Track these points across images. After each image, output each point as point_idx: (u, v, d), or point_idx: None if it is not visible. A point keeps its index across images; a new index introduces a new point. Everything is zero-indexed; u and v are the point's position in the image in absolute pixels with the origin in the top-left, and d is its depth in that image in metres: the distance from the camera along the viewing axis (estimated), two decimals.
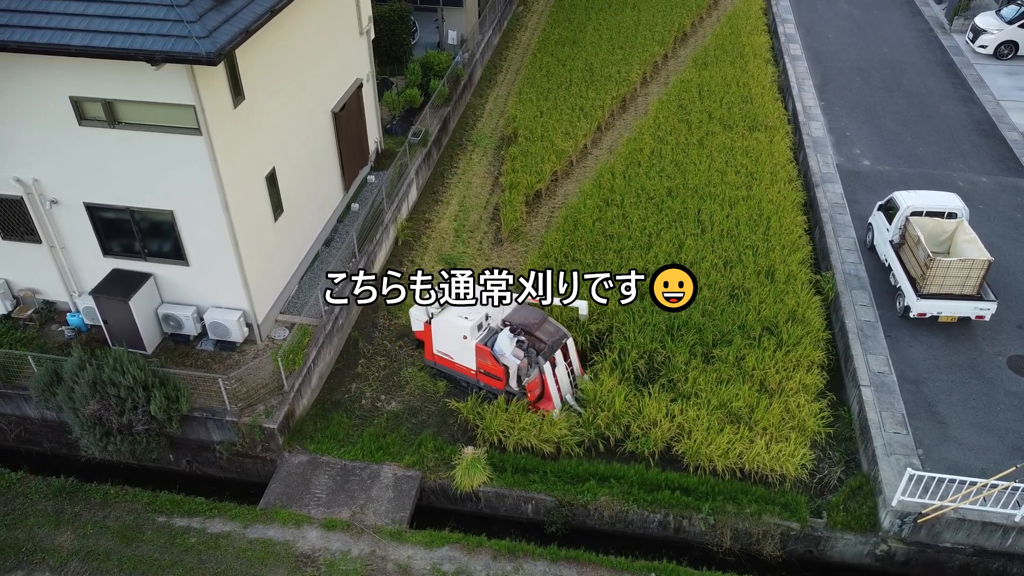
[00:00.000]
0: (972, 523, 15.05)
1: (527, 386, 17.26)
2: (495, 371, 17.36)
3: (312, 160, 20.46)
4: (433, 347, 18.25)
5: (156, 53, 13.93)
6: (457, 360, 17.99)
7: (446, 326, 17.62)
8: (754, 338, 18.86)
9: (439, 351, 18.22)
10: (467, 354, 17.63)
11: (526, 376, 17.26)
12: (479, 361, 17.53)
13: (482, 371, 17.63)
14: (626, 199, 23.65)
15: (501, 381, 17.44)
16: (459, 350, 17.75)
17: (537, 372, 17.25)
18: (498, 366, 17.23)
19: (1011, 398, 17.42)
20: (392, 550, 15.36)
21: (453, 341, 17.69)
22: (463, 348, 17.60)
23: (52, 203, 17.20)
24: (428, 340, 18.26)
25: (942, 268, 18.25)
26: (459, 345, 17.62)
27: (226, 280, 17.63)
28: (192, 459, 17.84)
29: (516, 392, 17.48)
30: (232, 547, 15.46)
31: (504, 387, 17.50)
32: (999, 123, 27.79)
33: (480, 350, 17.35)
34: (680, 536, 16.26)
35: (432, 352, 18.37)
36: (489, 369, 17.44)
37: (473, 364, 17.68)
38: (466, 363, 17.82)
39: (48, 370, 16.77)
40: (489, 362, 17.31)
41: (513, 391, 17.49)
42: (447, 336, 17.76)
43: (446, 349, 18.03)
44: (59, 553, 15.39)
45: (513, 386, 17.41)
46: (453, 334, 17.57)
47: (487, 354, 17.25)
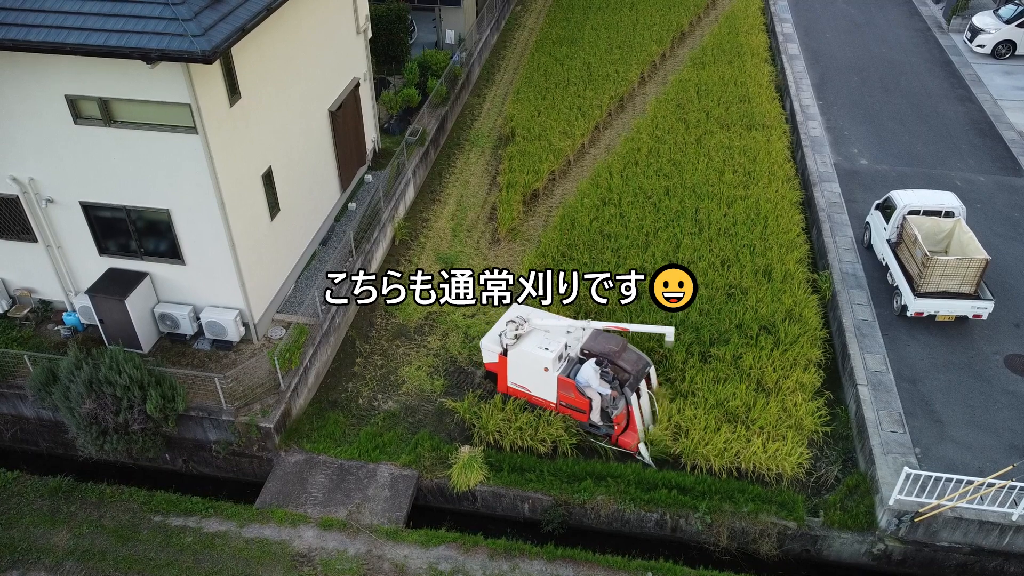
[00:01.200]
0: (969, 522, 15.03)
1: (615, 419, 16.48)
2: (579, 404, 16.51)
3: (309, 159, 20.44)
4: (507, 379, 17.29)
5: (151, 51, 13.90)
6: (535, 393, 17.05)
7: (524, 358, 16.68)
8: (751, 337, 18.85)
9: (514, 383, 17.24)
10: (547, 387, 16.73)
11: (613, 408, 16.37)
12: (561, 394, 16.66)
13: (563, 404, 16.76)
14: (624, 198, 23.63)
15: (584, 414, 16.60)
16: (538, 382, 16.83)
17: (624, 404, 16.41)
18: (582, 398, 16.38)
19: (1008, 397, 17.41)
20: (388, 549, 15.33)
21: (532, 373, 16.75)
22: (543, 381, 16.68)
23: (48, 202, 17.16)
24: (502, 372, 17.26)
25: (939, 267, 18.24)
26: (539, 377, 16.70)
27: (222, 279, 17.60)
28: (188, 458, 17.81)
29: (600, 425, 16.69)
30: (228, 546, 15.43)
31: (587, 420, 16.73)
32: (996, 122, 27.80)
33: (563, 382, 16.47)
34: (677, 535, 16.24)
35: (506, 385, 17.44)
36: (572, 402, 16.58)
37: (553, 397, 16.80)
38: (545, 396, 16.93)
39: (44, 369, 16.74)
40: (572, 395, 16.44)
41: (596, 424, 16.69)
42: (525, 368, 16.80)
43: (523, 382, 17.07)
44: (55, 553, 15.36)
45: (596, 419, 16.59)
46: (532, 366, 16.64)
47: (571, 386, 16.38)
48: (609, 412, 16.44)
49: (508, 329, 16.80)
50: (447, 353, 19.55)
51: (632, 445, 16.62)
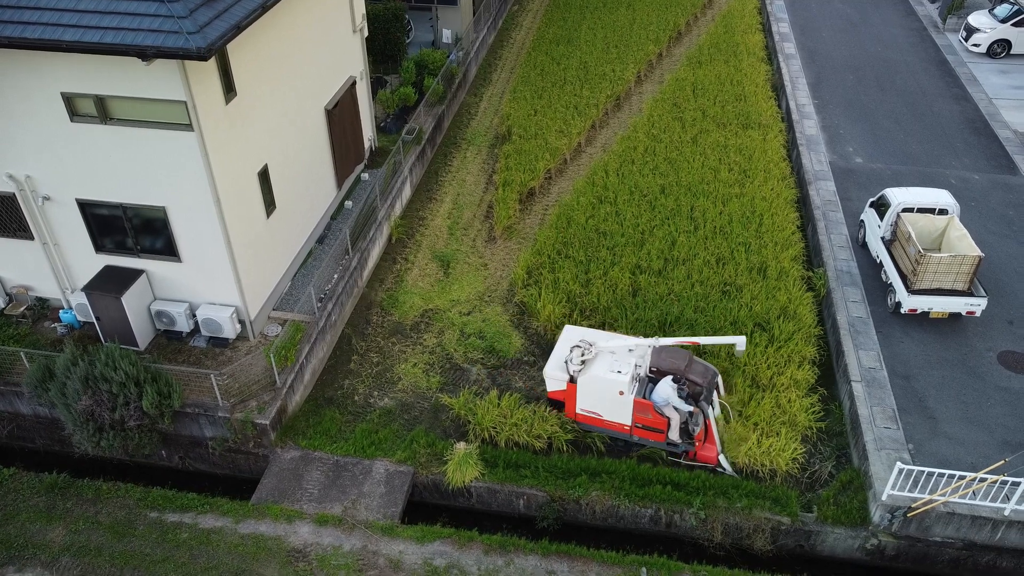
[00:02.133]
0: (962, 517, 15.10)
1: (696, 435, 16.17)
2: (657, 424, 16.13)
3: (305, 157, 20.49)
4: (576, 406, 16.76)
5: (147, 48, 13.95)
6: (607, 418, 16.55)
7: (596, 383, 16.12)
8: (746, 334, 18.89)
9: (583, 410, 16.73)
10: (622, 410, 16.27)
11: (695, 425, 16.05)
12: (637, 416, 16.21)
13: (639, 426, 16.34)
14: (619, 196, 23.70)
15: (662, 434, 16.25)
16: (611, 407, 16.34)
17: (703, 419, 16.13)
18: (660, 419, 16.03)
19: (1001, 393, 17.47)
20: (384, 545, 15.38)
21: (604, 398, 16.26)
22: (618, 404, 16.22)
23: (45, 199, 17.22)
24: (571, 399, 16.72)
25: (933, 264, 18.31)
26: (612, 402, 16.22)
27: (219, 276, 17.66)
28: (184, 455, 17.85)
29: (679, 443, 16.31)
30: (224, 542, 15.48)
31: (665, 440, 16.40)
32: (992, 121, 27.87)
33: (640, 404, 16.05)
34: (671, 531, 16.30)
35: (575, 412, 16.89)
36: (650, 423, 16.18)
37: (628, 420, 16.34)
38: (619, 419, 16.44)
39: (40, 366, 16.79)
40: (651, 416, 16.05)
41: (675, 443, 16.33)
42: (596, 393, 16.28)
43: (594, 407, 16.55)
44: (50, 548, 15.41)
45: (675, 438, 16.25)
46: (605, 391, 16.12)
47: (649, 408, 15.98)
48: (691, 430, 16.12)
49: (574, 355, 16.26)
50: (443, 350, 19.60)
51: (713, 457, 16.31)
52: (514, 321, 20.34)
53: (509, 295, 21.14)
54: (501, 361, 19.25)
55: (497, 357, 19.36)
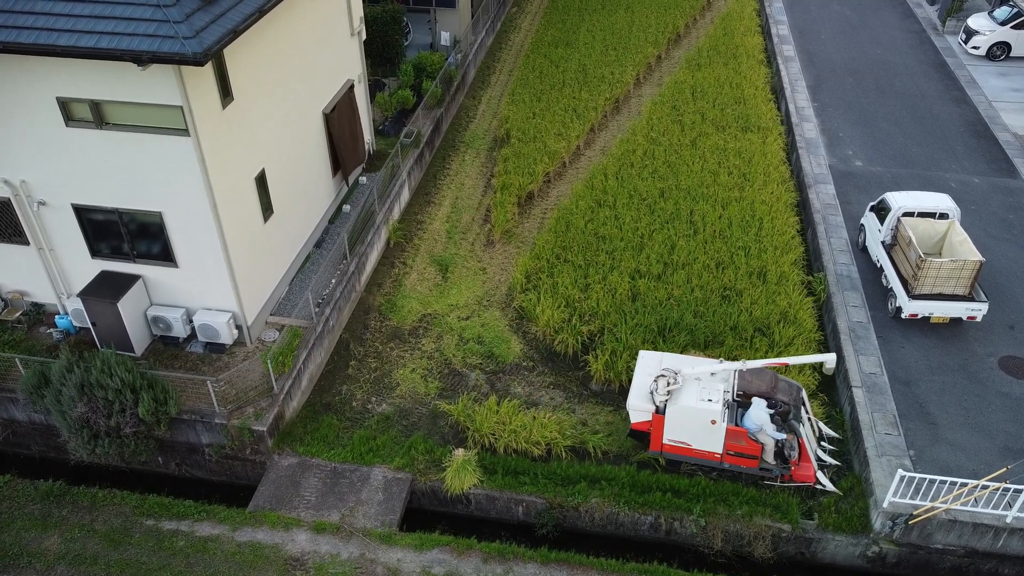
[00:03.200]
0: (963, 524, 15.01)
1: (792, 460, 15.76)
2: (751, 451, 15.66)
3: (303, 161, 20.39)
4: (664, 437, 16.07)
5: (142, 53, 13.85)
6: (697, 447, 15.93)
7: (685, 413, 15.57)
8: (746, 339, 18.81)
9: (671, 440, 16.04)
10: (713, 439, 15.72)
11: (791, 451, 15.66)
12: (730, 443, 15.70)
13: (732, 453, 15.80)
14: (618, 200, 23.61)
15: (755, 460, 15.77)
16: (702, 436, 15.76)
17: (797, 442, 15.80)
18: (755, 445, 15.58)
19: (1002, 399, 17.39)
20: (382, 553, 15.27)
21: (694, 428, 15.69)
22: (709, 434, 15.67)
23: (40, 205, 17.10)
24: (657, 430, 16.06)
25: (933, 269, 18.23)
26: (703, 431, 15.67)
27: (215, 282, 17.55)
28: (181, 462, 17.74)
29: (773, 467, 15.83)
30: (221, 550, 15.37)
31: (759, 466, 15.89)
32: (991, 124, 27.81)
33: (733, 432, 15.56)
34: (671, 538, 16.20)
35: (661, 443, 16.19)
36: (743, 450, 15.69)
37: (719, 448, 15.82)
38: (710, 448, 15.86)
39: (36, 372, 16.67)
40: (744, 443, 15.59)
41: (770, 466, 15.85)
42: (686, 423, 15.69)
43: (683, 437, 15.89)
44: (46, 557, 15.29)
45: (770, 461, 15.81)
46: (696, 420, 15.57)
47: (742, 435, 15.53)
48: (787, 455, 15.74)
49: (659, 385, 15.73)
50: (441, 356, 19.50)
51: (811, 476, 15.85)
52: (513, 326, 20.24)
53: (508, 300, 21.04)
54: (500, 366, 19.16)
55: (496, 362, 19.26)
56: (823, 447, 16.67)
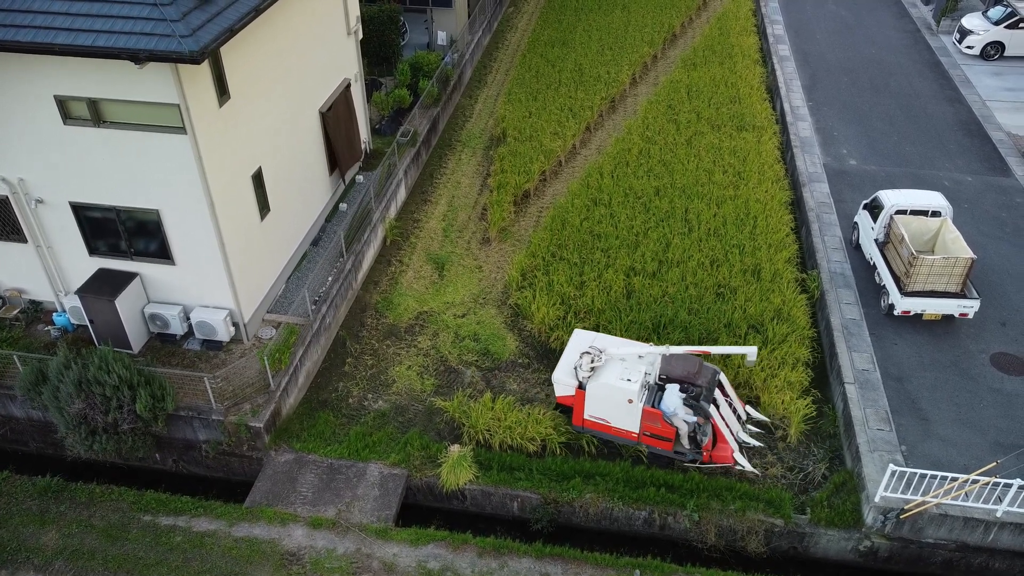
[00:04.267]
0: (954, 518, 15.14)
1: (704, 445, 16.15)
2: (664, 433, 16.08)
3: (299, 159, 20.49)
4: (584, 413, 16.66)
5: (139, 52, 13.95)
6: (616, 425, 16.43)
7: (604, 390, 16.08)
8: (740, 336, 18.94)
9: (591, 416, 16.62)
10: (630, 418, 16.19)
11: (703, 435, 16.01)
12: (646, 424, 16.14)
13: (648, 434, 16.26)
14: (614, 199, 23.73)
15: (670, 443, 16.18)
16: (620, 415, 16.26)
17: (710, 426, 16.09)
18: (668, 427, 15.99)
19: (994, 395, 17.52)
20: (378, 548, 15.38)
21: (613, 406, 16.19)
22: (626, 412, 16.15)
23: (38, 202, 17.19)
24: (579, 406, 16.64)
25: (926, 266, 18.36)
26: (621, 409, 16.16)
27: (212, 279, 17.64)
28: (178, 458, 17.83)
29: (687, 451, 16.27)
30: (218, 545, 15.47)
31: (673, 448, 16.29)
32: (985, 123, 27.96)
33: (649, 413, 16.00)
34: (665, 533, 16.32)
35: (583, 418, 16.78)
36: (657, 432, 16.13)
37: (636, 428, 16.28)
38: (627, 427, 16.37)
39: (34, 369, 16.76)
40: (659, 424, 16.01)
41: (684, 451, 16.27)
42: (605, 401, 16.22)
43: (602, 414, 16.45)
44: (44, 552, 15.38)
45: (685, 446, 16.21)
46: (614, 398, 16.06)
47: (657, 416, 15.94)
48: (699, 440, 16.07)
49: (584, 361, 16.19)
50: (437, 353, 19.60)
51: (728, 457, 16.20)
52: (508, 323, 20.36)
53: (504, 297, 21.16)
54: (495, 363, 19.27)
55: (491, 359, 19.37)
56: (748, 430, 16.99)
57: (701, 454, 16.23)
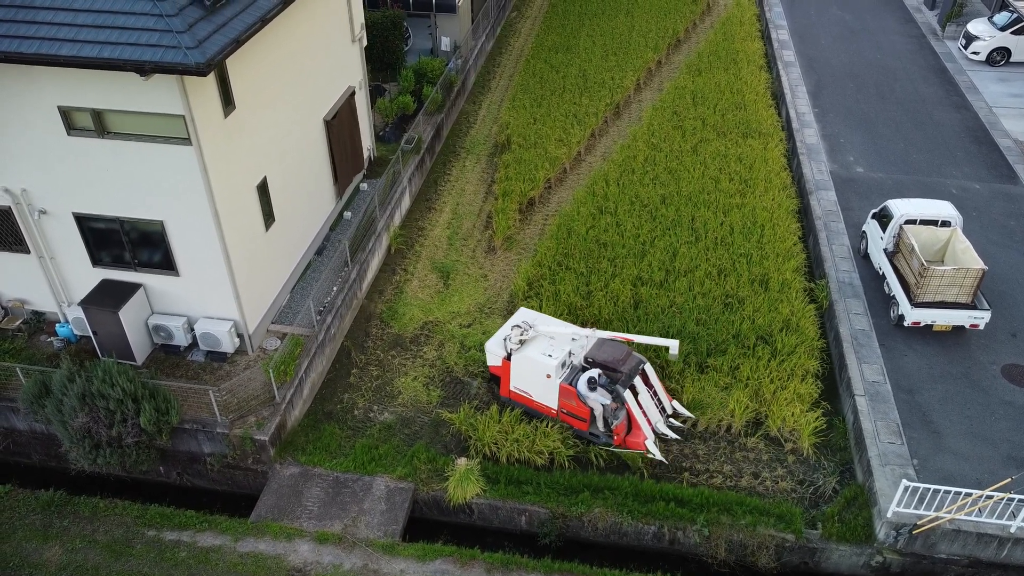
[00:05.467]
0: (967, 534, 14.99)
1: (615, 428, 16.46)
2: (580, 412, 16.48)
3: (304, 169, 20.34)
4: (510, 384, 17.27)
5: (145, 63, 13.80)
6: (537, 398, 17.03)
7: (527, 363, 16.64)
8: (749, 347, 18.79)
9: (517, 388, 17.23)
10: (549, 393, 16.74)
11: (614, 419, 16.31)
12: (562, 401, 16.65)
13: (564, 411, 16.76)
14: (620, 207, 23.58)
15: (584, 422, 16.58)
16: (540, 389, 16.80)
17: (624, 413, 16.40)
18: (584, 407, 16.36)
19: (1006, 407, 17.37)
20: (385, 564, 15.22)
21: (534, 379, 16.75)
22: (545, 387, 16.68)
23: (41, 213, 17.04)
24: (505, 376, 17.27)
25: (936, 277, 18.22)
26: (541, 384, 16.69)
27: (217, 290, 17.49)
28: (182, 471, 17.67)
29: (601, 434, 16.60)
30: (223, 561, 15.31)
31: (588, 429, 16.67)
32: (992, 130, 27.83)
33: (565, 390, 16.46)
34: (675, 548, 16.16)
35: (508, 389, 17.42)
36: (573, 410, 16.56)
37: (555, 404, 16.80)
38: (547, 402, 16.93)
39: (37, 382, 16.60)
40: (574, 402, 16.44)
41: (597, 433, 16.63)
42: (528, 374, 16.78)
43: (525, 387, 17.06)
44: (47, 568, 15.21)
45: (599, 428, 16.55)
46: (535, 372, 16.60)
47: (572, 394, 16.37)
48: (610, 422, 16.40)
49: (513, 334, 16.72)
50: (443, 364, 19.44)
51: (641, 444, 16.48)
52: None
53: (510, 307, 20.99)
54: None
55: None
56: (670, 423, 17.32)
57: (612, 438, 16.60)
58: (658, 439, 17.00)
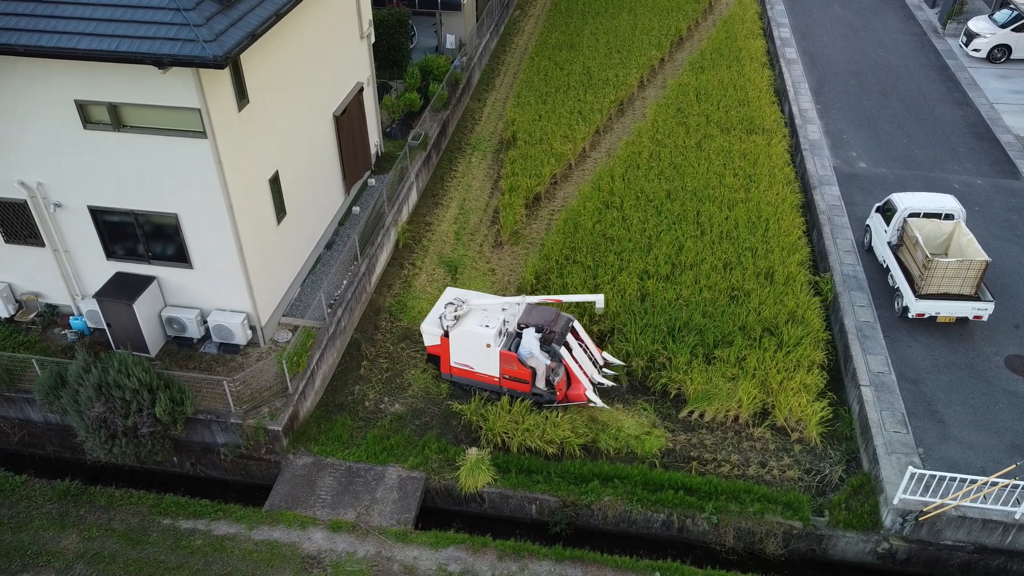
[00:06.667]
0: (973, 521, 15.20)
1: (557, 384, 17.30)
2: (521, 375, 17.35)
3: (314, 163, 20.54)
4: (451, 360, 18.06)
5: (164, 57, 13.99)
6: (478, 370, 17.83)
7: (466, 337, 17.44)
8: (755, 339, 19.00)
9: (457, 363, 18.04)
10: (490, 362, 17.53)
11: (555, 375, 17.29)
12: (504, 367, 17.46)
13: (507, 377, 17.57)
14: (625, 202, 23.79)
15: (527, 384, 17.45)
16: (481, 359, 17.62)
17: (563, 369, 17.33)
18: (524, 369, 17.24)
19: (1009, 397, 17.59)
20: (398, 551, 15.42)
21: (474, 351, 17.55)
22: (486, 357, 17.50)
23: (56, 206, 17.22)
24: (445, 353, 18.04)
25: (940, 269, 18.43)
26: (481, 354, 17.51)
27: (230, 283, 17.68)
28: (196, 461, 17.85)
29: (545, 392, 17.48)
30: (238, 549, 15.50)
31: (531, 390, 17.51)
32: (993, 126, 28.06)
33: (505, 356, 17.31)
34: (683, 536, 16.36)
35: (449, 365, 18.20)
36: (515, 374, 17.41)
37: (497, 372, 17.61)
38: (489, 371, 17.72)
39: (52, 373, 16.79)
40: (515, 367, 17.30)
41: (541, 391, 17.49)
42: (467, 347, 17.59)
43: (466, 360, 17.87)
44: (64, 556, 15.40)
45: (541, 387, 17.43)
46: (474, 344, 17.43)
47: (513, 359, 17.25)
48: (552, 380, 17.34)
49: (447, 311, 17.42)
50: None
51: (582, 395, 17.49)
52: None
53: None
54: None
55: None
56: (604, 373, 18.35)
57: (555, 394, 17.46)
58: (596, 389, 17.93)
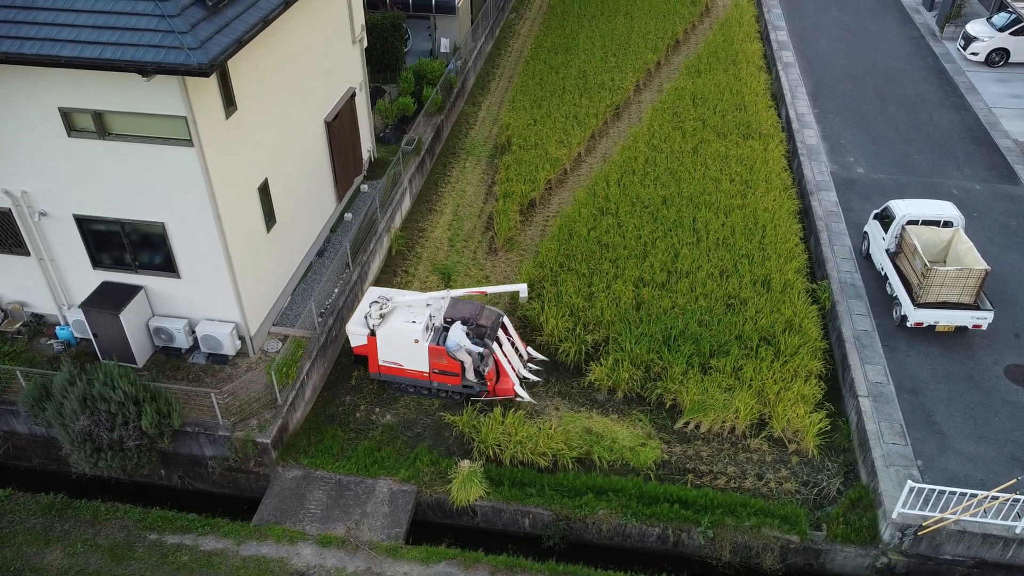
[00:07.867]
0: (973, 535, 14.96)
1: (487, 374, 17.47)
2: (451, 368, 17.53)
3: (305, 170, 20.26)
4: (379, 358, 18.02)
5: (147, 64, 13.72)
6: (408, 366, 17.88)
7: (393, 334, 17.49)
8: (751, 348, 18.75)
9: (385, 361, 18.02)
10: (419, 358, 17.63)
11: (484, 366, 17.47)
12: (433, 362, 17.59)
13: (437, 371, 17.70)
14: (621, 208, 23.54)
15: (458, 377, 17.62)
16: (410, 356, 17.68)
17: (492, 360, 17.59)
18: (454, 362, 17.44)
19: (1009, 408, 17.36)
20: (388, 566, 15.14)
21: (402, 348, 17.60)
22: (415, 353, 17.57)
23: (41, 215, 16.94)
24: (373, 353, 18.02)
25: (939, 277, 18.20)
26: (410, 351, 17.56)
27: (218, 292, 17.41)
28: (184, 474, 17.57)
29: (474, 383, 17.59)
30: (225, 565, 15.21)
31: (461, 382, 17.67)
32: (992, 130, 27.85)
33: (434, 351, 17.43)
34: (679, 550, 16.11)
35: (378, 364, 18.16)
36: (444, 367, 17.57)
37: (427, 367, 17.71)
38: (418, 367, 17.79)
39: (37, 385, 16.51)
40: (444, 360, 17.47)
41: (471, 383, 17.63)
42: (395, 344, 17.62)
43: (395, 358, 17.87)
44: (48, 572, 15.10)
45: (471, 379, 17.57)
46: (402, 341, 17.48)
47: (441, 353, 17.40)
48: (481, 370, 17.48)
49: (372, 310, 17.37)
50: None
51: (510, 389, 17.75)
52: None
53: (511, 308, 20.93)
54: None
55: None
56: (529, 367, 18.75)
57: (486, 385, 17.61)
58: (523, 383, 18.27)
